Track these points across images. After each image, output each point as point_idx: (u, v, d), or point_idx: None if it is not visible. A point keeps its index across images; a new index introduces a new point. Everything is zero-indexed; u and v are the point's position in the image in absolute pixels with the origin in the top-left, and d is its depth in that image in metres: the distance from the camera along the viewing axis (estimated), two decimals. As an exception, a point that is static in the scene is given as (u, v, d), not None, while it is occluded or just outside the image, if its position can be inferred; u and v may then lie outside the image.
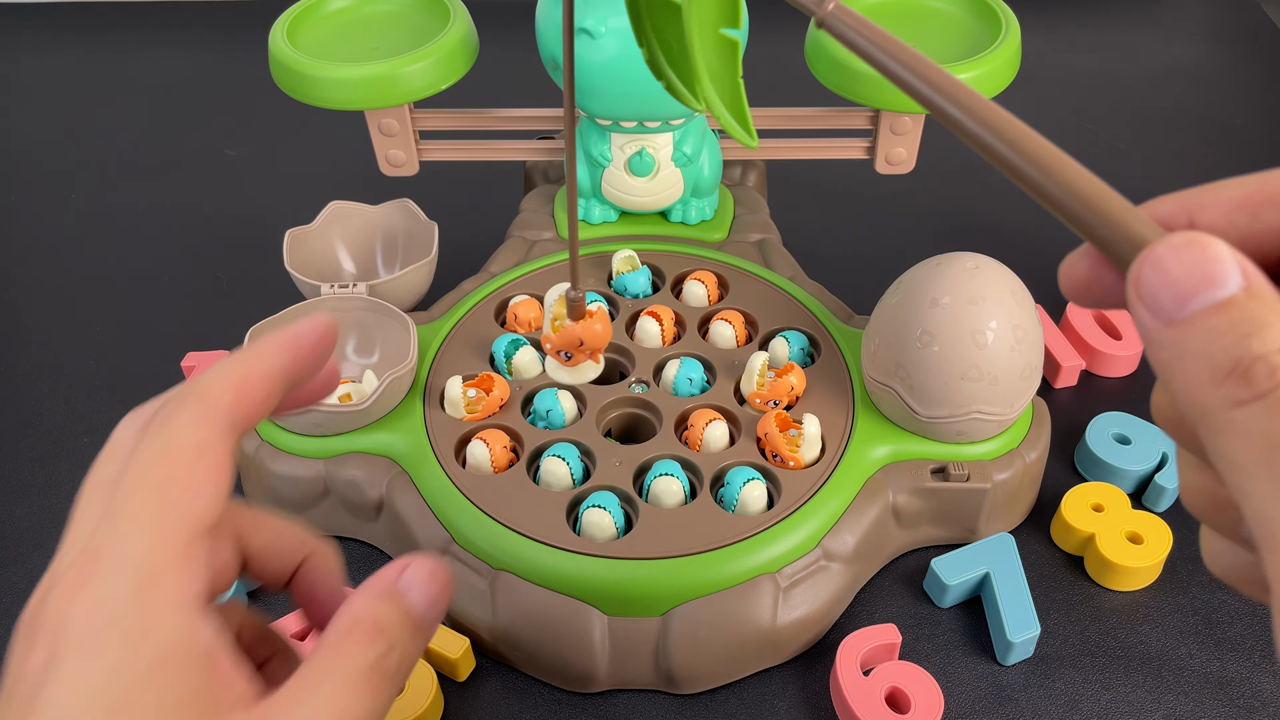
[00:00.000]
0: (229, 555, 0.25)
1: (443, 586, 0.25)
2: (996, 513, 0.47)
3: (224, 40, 0.88)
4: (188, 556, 0.22)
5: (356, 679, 0.22)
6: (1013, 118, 0.21)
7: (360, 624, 0.23)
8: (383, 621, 0.24)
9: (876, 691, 0.41)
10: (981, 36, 0.52)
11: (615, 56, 0.47)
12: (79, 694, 0.20)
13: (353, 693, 0.22)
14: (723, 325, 0.50)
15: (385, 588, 0.24)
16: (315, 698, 0.22)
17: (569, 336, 0.29)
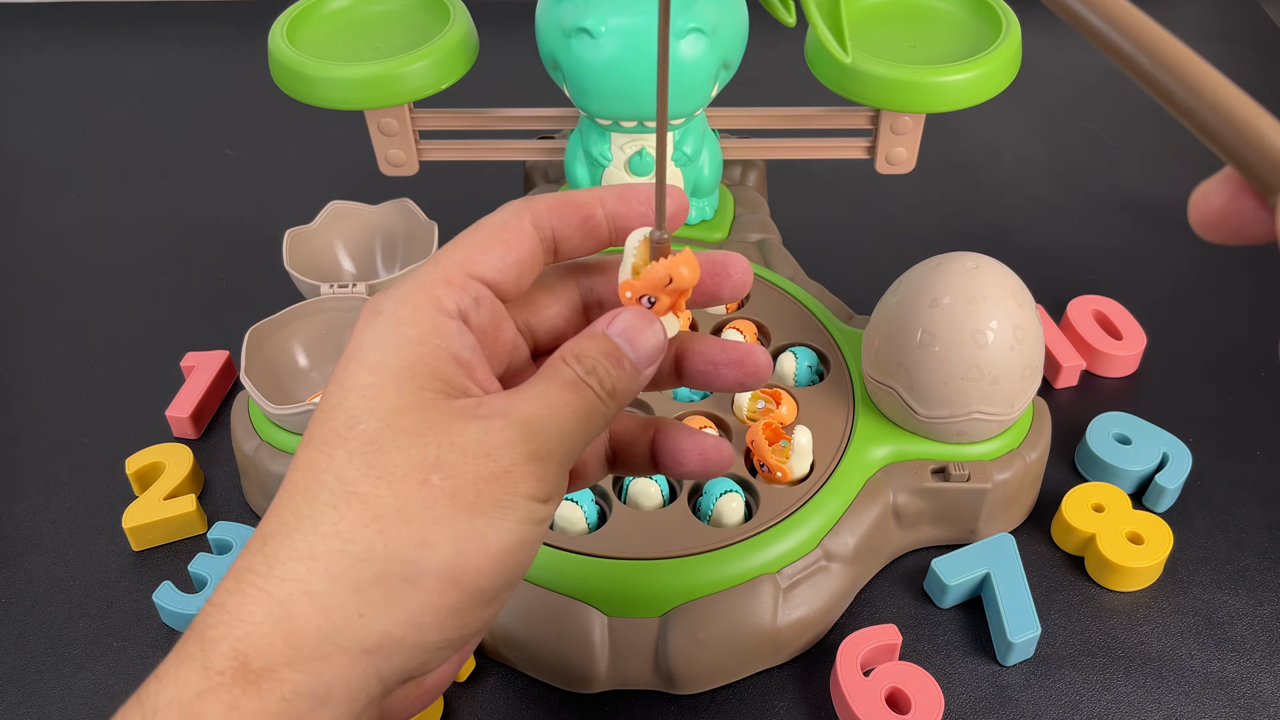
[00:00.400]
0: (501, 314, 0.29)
1: (646, 325, 0.29)
2: (997, 513, 0.47)
3: (224, 40, 0.88)
4: (451, 288, 0.27)
5: (560, 385, 0.27)
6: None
7: (566, 353, 0.28)
8: (583, 350, 0.28)
9: (877, 692, 0.41)
10: (982, 36, 0.52)
11: (615, 56, 0.47)
12: (341, 368, 0.27)
13: (556, 394, 0.27)
14: (734, 333, 0.49)
15: (591, 330, 0.29)
16: (525, 394, 0.27)
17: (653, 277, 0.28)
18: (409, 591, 0.25)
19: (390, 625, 0.25)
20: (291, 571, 0.25)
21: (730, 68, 0.50)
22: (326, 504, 0.25)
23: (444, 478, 0.25)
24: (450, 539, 0.25)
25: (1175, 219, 0.68)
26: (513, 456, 0.26)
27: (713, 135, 0.55)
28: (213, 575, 0.46)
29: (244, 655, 0.24)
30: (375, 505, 0.25)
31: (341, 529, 0.25)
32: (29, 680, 0.44)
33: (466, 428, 0.26)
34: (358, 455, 0.25)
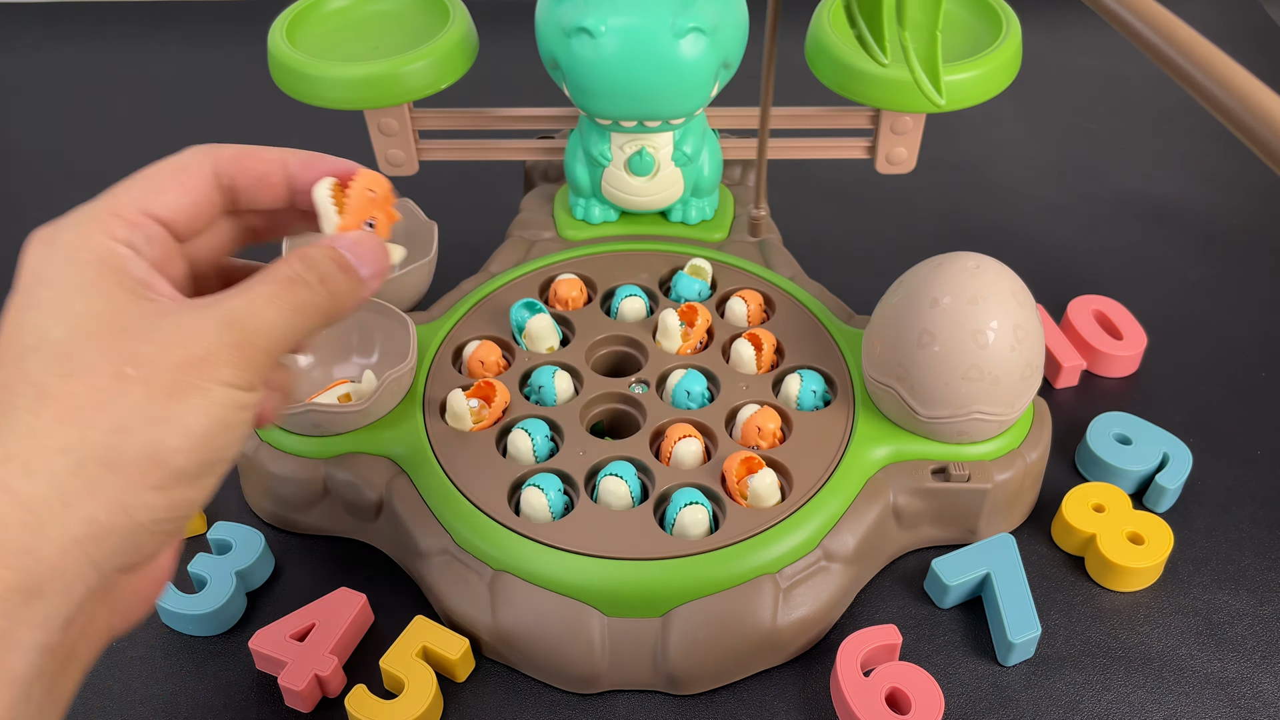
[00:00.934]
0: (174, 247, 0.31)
1: (373, 241, 0.31)
2: (997, 513, 0.47)
3: (224, 40, 0.88)
4: (124, 220, 0.29)
5: (274, 281, 0.29)
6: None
7: (291, 255, 0.30)
8: (309, 254, 0.30)
9: (877, 692, 0.41)
10: (982, 36, 0.52)
11: (615, 56, 0.47)
12: (22, 292, 0.28)
13: (268, 288, 0.29)
14: (745, 345, 0.49)
15: (320, 240, 0.31)
16: (236, 290, 0.28)
17: (358, 200, 0.31)
18: (110, 476, 0.26)
19: (96, 510, 0.26)
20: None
21: (730, 68, 0.50)
22: (22, 409, 0.26)
23: (138, 367, 0.26)
24: (147, 422, 0.26)
25: (1175, 219, 0.68)
26: (210, 343, 0.27)
27: (712, 135, 0.55)
28: (212, 575, 0.46)
29: None
30: (69, 400, 0.26)
31: (37, 427, 0.26)
32: (28, 680, 0.44)
33: (163, 320, 0.27)
34: (51, 361, 0.26)
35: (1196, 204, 0.69)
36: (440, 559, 0.44)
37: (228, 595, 0.45)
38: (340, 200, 0.31)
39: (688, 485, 0.44)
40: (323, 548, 0.49)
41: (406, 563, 0.47)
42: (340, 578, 0.48)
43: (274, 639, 0.43)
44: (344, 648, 0.44)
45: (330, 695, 0.43)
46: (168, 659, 0.45)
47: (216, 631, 0.46)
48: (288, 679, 0.42)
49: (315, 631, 0.43)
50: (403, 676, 0.42)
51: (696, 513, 0.43)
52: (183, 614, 0.45)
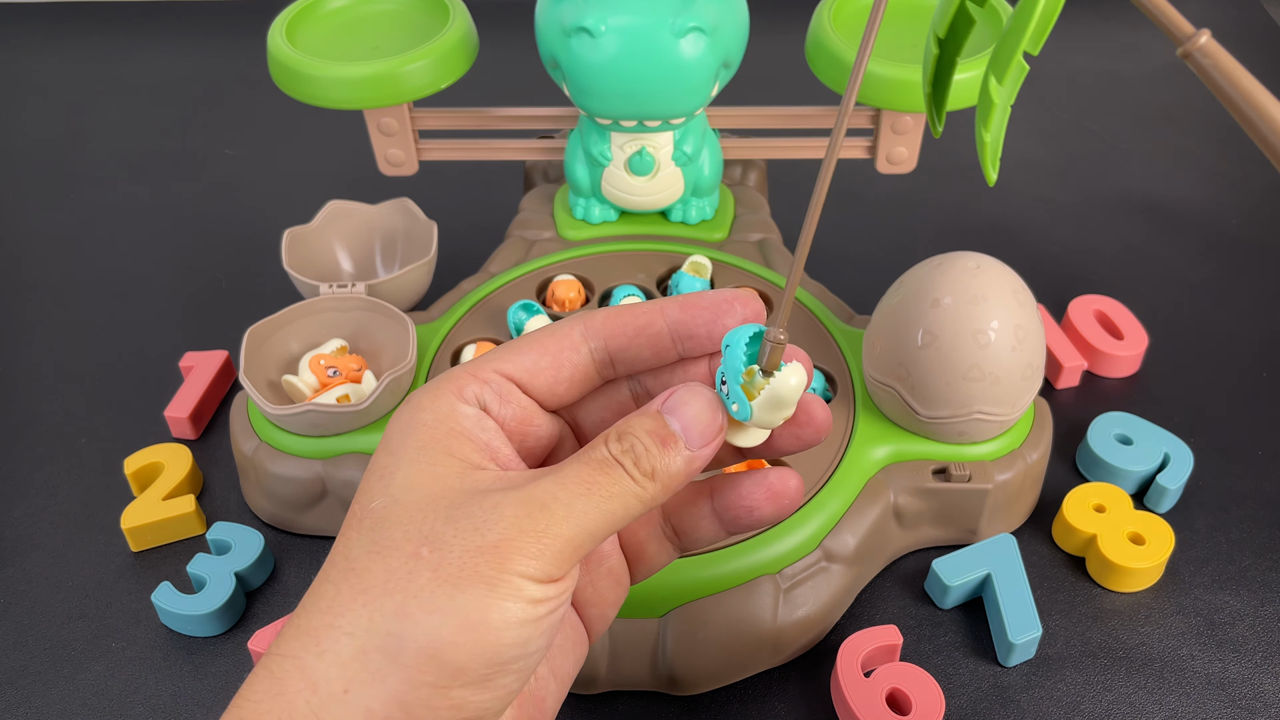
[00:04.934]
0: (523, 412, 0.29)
1: (696, 397, 0.27)
2: (998, 513, 0.47)
3: (224, 40, 0.88)
4: (480, 378, 0.28)
5: (586, 463, 0.26)
6: None
7: (609, 430, 0.27)
8: (626, 428, 0.27)
9: (877, 693, 0.41)
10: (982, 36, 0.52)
11: (615, 56, 0.47)
12: (378, 454, 0.27)
13: (578, 471, 0.26)
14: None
15: (645, 407, 0.28)
16: (548, 471, 0.26)
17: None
18: (390, 667, 0.24)
19: (373, 702, 0.24)
20: (289, 647, 0.25)
21: (730, 67, 0.50)
22: (329, 581, 0.25)
23: (432, 549, 0.25)
24: (428, 612, 0.24)
25: (1175, 219, 0.68)
26: (505, 531, 0.25)
27: (713, 134, 0.54)
28: (211, 576, 0.46)
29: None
30: (365, 579, 0.25)
31: (335, 604, 0.25)
32: (28, 680, 0.44)
33: (467, 502, 0.25)
34: (366, 533, 0.26)
35: (1197, 204, 0.69)
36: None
37: (227, 595, 0.45)
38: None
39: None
40: (323, 548, 0.49)
41: (406, 563, 0.47)
42: (340, 578, 0.48)
43: (273, 639, 0.43)
44: (343, 648, 0.44)
45: (330, 696, 0.43)
46: (168, 659, 0.45)
47: (216, 631, 0.46)
48: (287, 679, 0.42)
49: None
50: (402, 677, 0.42)
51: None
52: (182, 614, 0.45)
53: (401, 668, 0.24)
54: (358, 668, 0.24)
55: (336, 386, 0.48)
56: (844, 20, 0.53)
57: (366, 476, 0.27)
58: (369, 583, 0.25)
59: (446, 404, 0.27)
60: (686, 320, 0.28)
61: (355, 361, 0.48)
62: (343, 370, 0.48)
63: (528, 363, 0.28)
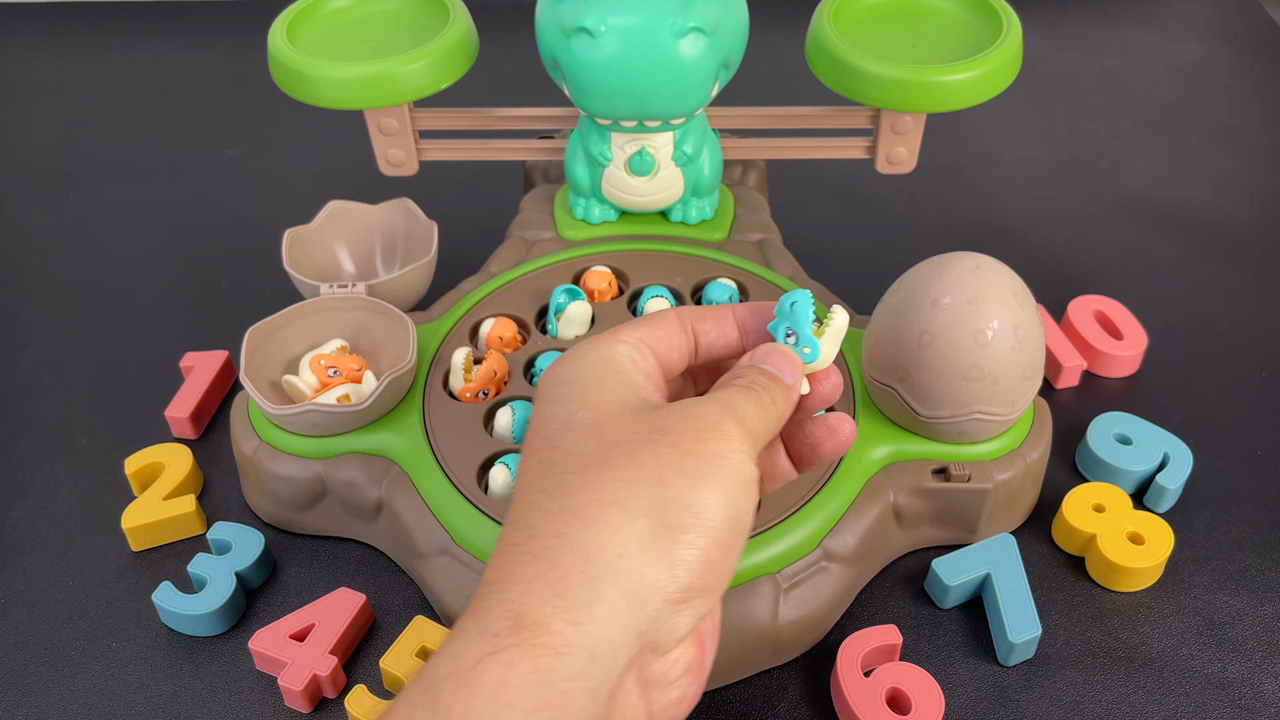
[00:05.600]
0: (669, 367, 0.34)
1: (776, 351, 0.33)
2: (997, 513, 0.47)
3: (224, 40, 0.88)
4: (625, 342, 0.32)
5: (740, 389, 0.31)
6: None
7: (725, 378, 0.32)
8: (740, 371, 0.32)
9: (877, 692, 0.41)
10: (982, 36, 0.52)
11: (615, 56, 0.47)
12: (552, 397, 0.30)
13: (737, 393, 0.31)
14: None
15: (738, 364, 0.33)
16: (718, 392, 0.31)
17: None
18: (656, 529, 0.27)
19: (643, 564, 0.27)
20: (549, 528, 0.27)
21: (730, 67, 0.50)
22: (566, 473, 0.28)
23: (664, 434, 0.28)
24: (681, 475, 0.28)
25: (1175, 219, 0.68)
26: (719, 415, 0.29)
27: (713, 135, 0.54)
28: (212, 575, 0.46)
29: (517, 613, 0.26)
30: (608, 464, 0.28)
31: (584, 484, 0.27)
32: (29, 680, 0.44)
33: (674, 408, 0.30)
34: (582, 437, 0.29)
35: (1196, 204, 0.69)
36: (440, 559, 0.44)
37: (227, 595, 0.45)
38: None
39: None
40: (323, 548, 0.49)
41: (406, 563, 0.47)
42: (340, 578, 0.48)
43: (274, 639, 0.43)
44: (344, 648, 0.44)
45: (330, 695, 0.43)
46: (168, 659, 0.45)
47: (216, 631, 0.46)
48: (288, 679, 0.42)
49: (315, 631, 0.43)
50: (403, 676, 0.42)
51: None
52: (183, 614, 0.45)
53: (665, 525, 0.27)
54: (628, 533, 0.27)
55: (337, 386, 0.48)
56: (844, 20, 0.53)
57: (544, 409, 0.30)
58: (614, 465, 0.28)
59: (604, 351, 0.31)
60: (750, 322, 0.34)
61: (355, 361, 0.48)
62: (343, 370, 0.48)
63: (654, 334, 0.32)
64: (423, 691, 0.25)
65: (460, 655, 0.25)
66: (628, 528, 0.27)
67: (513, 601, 0.26)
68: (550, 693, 0.25)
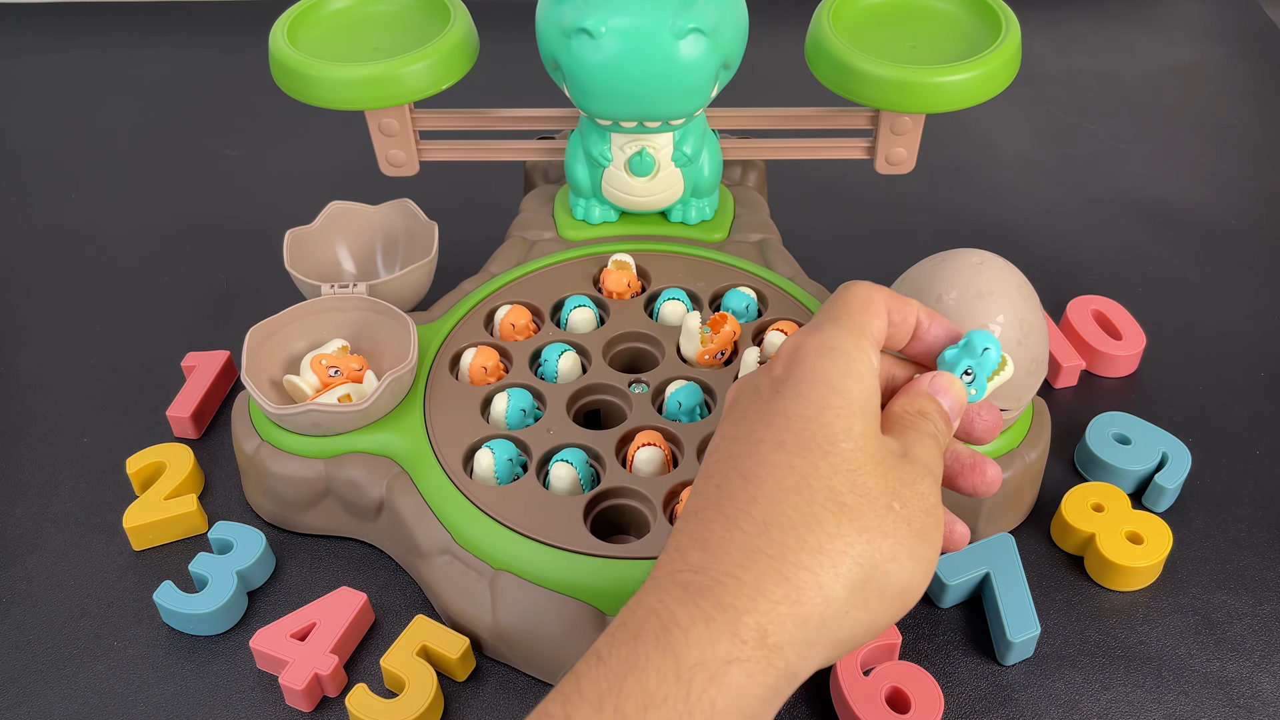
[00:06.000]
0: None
1: (951, 385, 0.35)
2: (997, 512, 0.47)
3: (224, 40, 0.88)
4: (871, 341, 0.33)
5: (924, 437, 0.33)
6: None
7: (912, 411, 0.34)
8: (923, 409, 0.34)
9: (877, 692, 0.41)
10: (981, 36, 0.52)
11: (615, 56, 0.47)
12: (808, 386, 0.32)
13: (927, 444, 0.33)
14: (753, 354, 0.48)
15: (917, 389, 0.35)
16: (912, 444, 0.33)
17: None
18: (877, 599, 0.30)
19: (856, 625, 0.30)
20: (804, 561, 0.29)
21: (730, 68, 0.50)
22: (823, 508, 0.30)
23: (902, 505, 0.31)
24: (909, 557, 0.31)
25: (1175, 219, 0.68)
26: (935, 499, 0.32)
27: (713, 135, 0.55)
28: (213, 575, 0.46)
29: (764, 630, 0.28)
30: (861, 519, 0.30)
31: (841, 532, 0.30)
32: (29, 680, 0.44)
33: (903, 467, 0.32)
34: (840, 472, 0.31)
35: (1196, 204, 0.69)
36: (440, 559, 0.44)
37: (228, 595, 0.45)
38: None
39: (628, 488, 0.44)
40: (323, 548, 0.49)
41: (406, 562, 0.47)
42: (340, 577, 0.48)
43: (274, 638, 0.43)
44: (344, 647, 0.44)
45: (331, 695, 0.43)
46: (168, 659, 0.45)
47: (217, 631, 0.46)
48: (288, 678, 0.42)
49: (316, 631, 0.43)
50: (403, 676, 0.42)
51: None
52: (183, 614, 0.45)
53: (884, 601, 0.30)
54: (859, 595, 0.30)
55: (338, 386, 0.48)
56: (844, 21, 0.53)
57: (809, 404, 0.31)
58: (865, 523, 0.30)
59: (866, 364, 0.33)
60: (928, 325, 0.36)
61: (356, 361, 0.49)
62: (344, 370, 0.48)
63: (880, 328, 0.34)
64: (676, 670, 0.28)
65: (711, 650, 0.28)
66: (861, 589, 0.30)
67: (763, 617, 0.29)
68: (763, 706, 0.29)
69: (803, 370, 0.32)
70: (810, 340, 0.33)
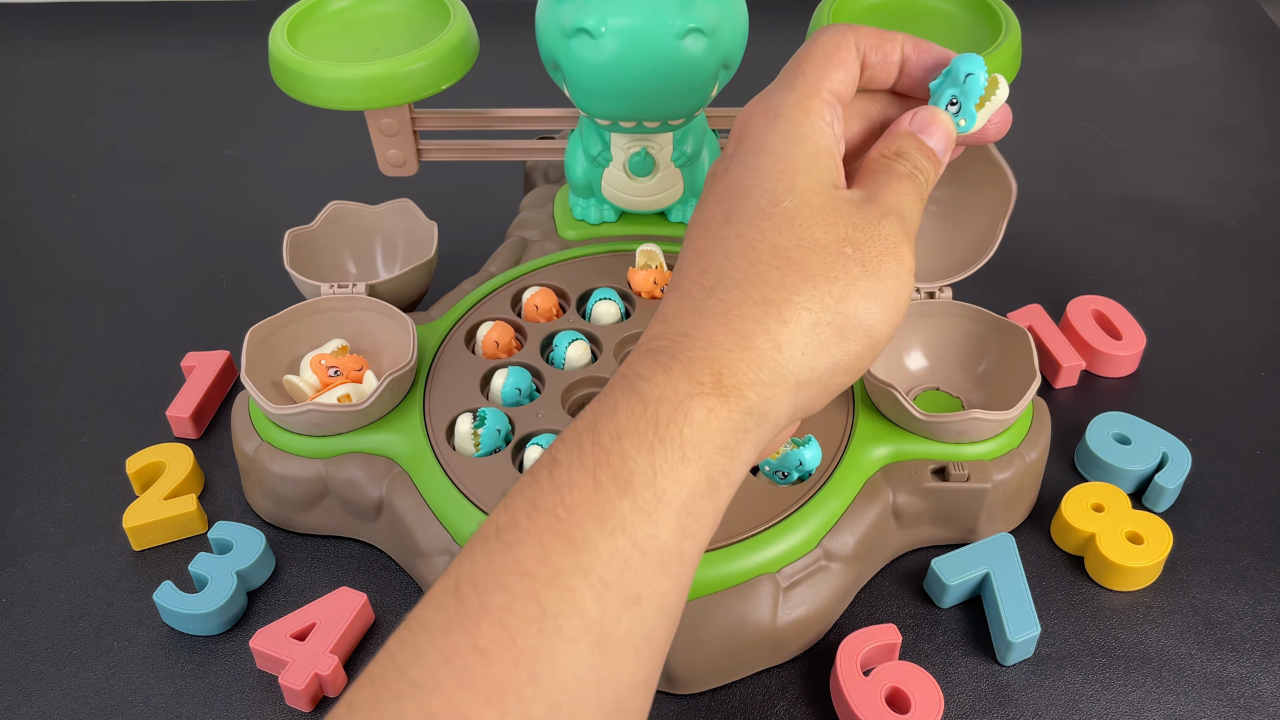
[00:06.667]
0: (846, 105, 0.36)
1: (935, 119, 0.35)
2: (996, 513, 0.47)
3: (224, 40, 0.88)
4: (825, 100, 0.34)
5: (901, 178, 0.34)
6: None
7: (888, 152, 0.34)
8: (901, 148, 0.34)
9: (877, 692, 0.41)
10: (981, 36, 0.52)
11: (615, 56, 0.47)
12: (752, 157, 0.33)
13: (901, 186, 0.33)
14: None
15: (896, 129, 0.35)
16: (882, 188, 0.33)
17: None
18: (834, 338, 0.31)
19: (818, 364, 0.31)
20: (750, 314, 0.31)
21: (730, 68, 0.50)
22: (769, 265, 0.31)
23: (854, 248, 0.32)
24: (864, 295, 0.31)
25: (1174, 219, 0.68)
26: (897, 236, 0.32)
27: (713, 135, 0.55)
28: (213, 575, 0.46)
29: (719, 373, 0.30)
30: (808, 268, 0.31)
31: (786, 283, 0.31)
32: (29, 680, 0.44)
33: (859, 212, 0.32)
34: (785, 228, 0.32)
35: (1196, 204, 0.69)
36: (440, 559, 0.44)
37: (228, 595, 0.45)
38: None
39: None
40: (323, 548, 0.49)
41: (406, 562, 0.47)
42: (340, 577, 0.48)
43: (274, 638, 0.43)
44: (345, 647, 0.44)
45: (331, 695, 0.43)
46: (168, 659, 0.45)
47: (217, 631, 0.46)
48: (289, 678, 0.42)
49: (316, 631, 0.43)
50: (403, 676, 0.42)
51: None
52: (183, 613, 0.45)
53: (844, 339, 0.31)
54: (812, 336, 0.31)
55: (338, 386, 0.48)
56: (844, 21, 0.53)
57: (751, 172, 0.32)
58: (812, 271, 0.31)
59: (816, 124, 0.33)
60: (914, 58, 0.36)
61: (356, 361, 0.49)
62: (344, 370, 0.48)
63: (843, 78, 0.34)
64: (642, 406, 0.30)
65: (673, 388, 0.30)
66: (812, 331, 0.31)
67: (715, 363, 0.30)
68: (733, 437, 0.30)
69: (749, 143, 0.33)
70: (756, 109, 0.34)
